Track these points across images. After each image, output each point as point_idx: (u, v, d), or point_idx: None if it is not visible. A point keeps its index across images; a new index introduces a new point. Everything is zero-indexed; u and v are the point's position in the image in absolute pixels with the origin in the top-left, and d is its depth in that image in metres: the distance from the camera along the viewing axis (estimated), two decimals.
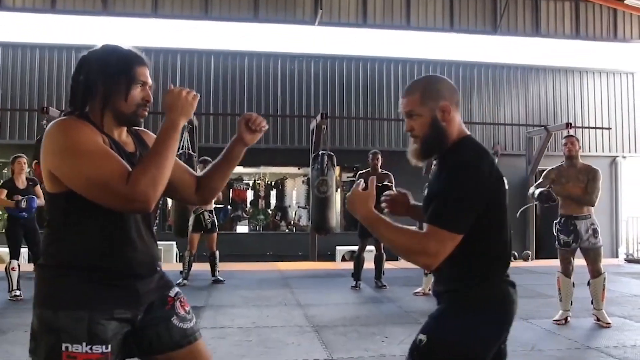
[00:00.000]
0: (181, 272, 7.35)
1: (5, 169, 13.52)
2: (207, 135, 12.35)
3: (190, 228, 7.52)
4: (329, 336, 4.69)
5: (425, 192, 1.83)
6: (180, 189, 1.89)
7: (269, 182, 15.84)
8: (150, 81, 1.72)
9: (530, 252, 11.53)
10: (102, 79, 1.64)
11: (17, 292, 6.21)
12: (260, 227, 14.91)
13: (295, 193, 15.79)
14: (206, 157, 7.04)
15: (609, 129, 13.90)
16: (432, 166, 2.01)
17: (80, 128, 1.58)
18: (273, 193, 15.86)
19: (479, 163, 1.70)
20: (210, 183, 1.94)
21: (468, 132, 1.84)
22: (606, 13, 13.76)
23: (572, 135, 5.57)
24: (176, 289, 1.86)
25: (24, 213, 6.27)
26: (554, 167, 5.49)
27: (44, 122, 9.43)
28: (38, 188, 6.57)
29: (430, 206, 1.68)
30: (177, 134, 1.64)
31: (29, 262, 6.49)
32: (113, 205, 1.55)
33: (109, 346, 1.59)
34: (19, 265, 6.28)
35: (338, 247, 12.23)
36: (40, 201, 6.46)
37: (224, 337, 4.64)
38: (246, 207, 15.57)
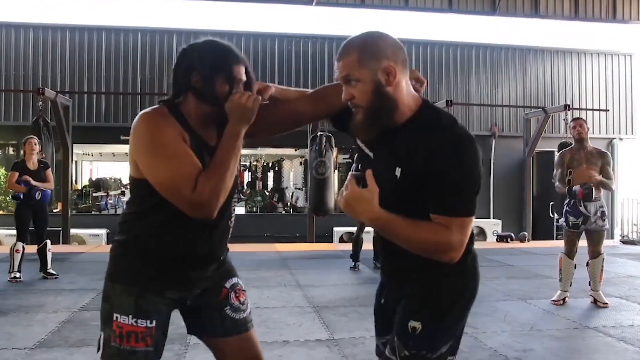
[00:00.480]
0: None
1: None
2: None
3: None
4: (329, 317, 4.73)
5: (399, 172, 1.52)
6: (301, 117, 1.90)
7: (266, 164, 15.82)
8: (244, 77, 1.73)
9: (526, 234, 11.60)
10: (200, 76, 1.67)
11: (17, 274, 6.21)
12: (257, 209, 14.92)
13: (293, 174, 15.79)
14: None
15: (607, 110, 13.91)
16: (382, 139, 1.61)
17: (163, 125, 1.63)
18: (270, 174, 15.85)
19: (469, 132, 1.52)
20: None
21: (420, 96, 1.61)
22: None
23: (580, 118, 5.52)
24: (234, 280, 1.89)
25: (21, 195, 6.26)
26: (565, 150, 5.47)
27: (40, 103, 9.36)
28: (49, 172, 6.57)
29: (436, 195, 1.48)
30: (238, 141, 1.67)
31: (26, 243, 6.46)
32: (180, 207, 1.61)
33: (154, 321, 1.69)
34: (23, 248, 6.30)
35: (335, 228, 12.26)
36: (49, 185, 6.49)
37: None
38: (243, 188, 15.57)
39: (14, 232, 6.45)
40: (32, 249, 6.51)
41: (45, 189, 6.39)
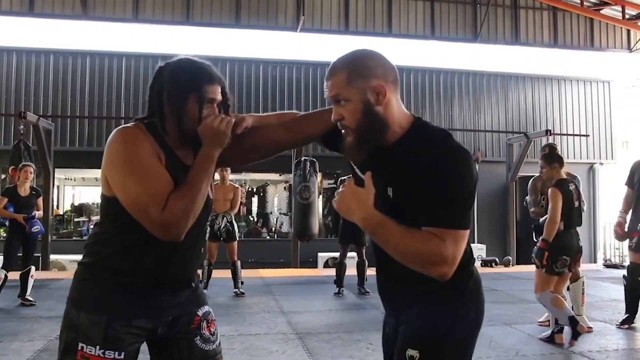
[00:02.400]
0: (200, 282, 7.18)
1: None
2: None
3: (207, 236, 7.36)
4: (313, 343, 4.65)
5: (391, 192, 1.52)
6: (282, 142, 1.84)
7: (251, 189, 15.76)
8: (219, 97, 1.70)
9: (510, 258, 11.62)
10: (173, 94, 1.65)
11: None
12: (241, 234, 14.81)
13: (277, 199, 15.73)
14: None
15: (587, 136, 14.13)
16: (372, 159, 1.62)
17: (140, 141, 1.60)
18: (255, 200, 15.79)
19: (464, 148, 1.50)
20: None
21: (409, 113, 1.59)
22: (583, 22, 14.01)
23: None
24: (206, 308, 1.82)
25: (6, 221, 6.29)
26: (537, 176, 5.56)
27: (21, 127, 9.26)
28: (40, 200, 6.61)
29: (430, 206, 1.44)
30: (211, 165, 1.65)
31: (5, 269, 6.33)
32: (147, 227, 1.55)
33: (122, 353, 1.60)
34: (6, 276, 6.19)
35: (320, 254, 12.19)
36: (39, 213, 6.52)
37: None
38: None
39: None
40: (15, 275, 6.39)
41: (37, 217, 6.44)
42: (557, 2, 13.63)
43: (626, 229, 5.36)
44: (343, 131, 1.55)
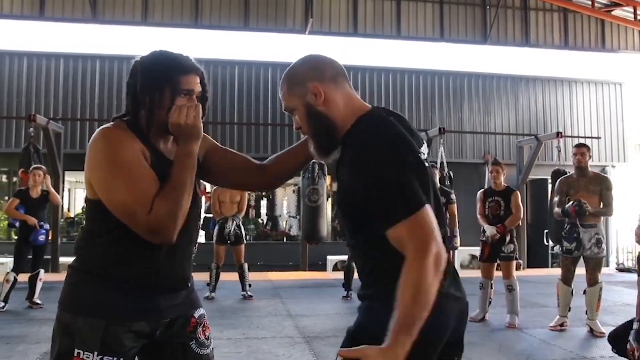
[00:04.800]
0: (208, 285, 7.19)
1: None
2: None
3: (214, 239, 7.32)
4: (320, 347, 4.61)
5: (339, 190, 1.52)
6: (241, 178, 1.86)
7: (260, 192, 15.75)
8: (197, 88, 1.65)
9: (521, 261, 11.50)
10: (146, 88, 1.60)
11: (1, 304, 6.09)
12: (250, 237, 14.79)
13: (286, 202, 15.71)
14: None
15: (598, 138, 13.96)
16: None
17: (122, 141, 1.55)
18: (263, 202, 15.78)
19: (379, 136, 1.39)
20: (283, 168, 1.86)
21: (368, 107, 1.54)
22: (594, 24, 13.87)
23: (582, 145, 5.41)
24: (201, 310, 1.78)
25: (17, 222, 6.41)
26: (564, 177, 5.46)
27: (31, 129, 9.29)
28: (51, 195, 6.64)
29: (371, 207, 1.34)
30: (191, 159, 1.60)
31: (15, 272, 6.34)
32: (137, 232, 1.52)
33: (121, 359, 1.55)
34: (15, 280, 6.22)
35: (329, 257, 12.13)
36: (56, 200, 6.74)
37: None
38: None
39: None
40: (24, 277, 6.41)
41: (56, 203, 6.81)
42: (568, 3, 13.51)
43: None
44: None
